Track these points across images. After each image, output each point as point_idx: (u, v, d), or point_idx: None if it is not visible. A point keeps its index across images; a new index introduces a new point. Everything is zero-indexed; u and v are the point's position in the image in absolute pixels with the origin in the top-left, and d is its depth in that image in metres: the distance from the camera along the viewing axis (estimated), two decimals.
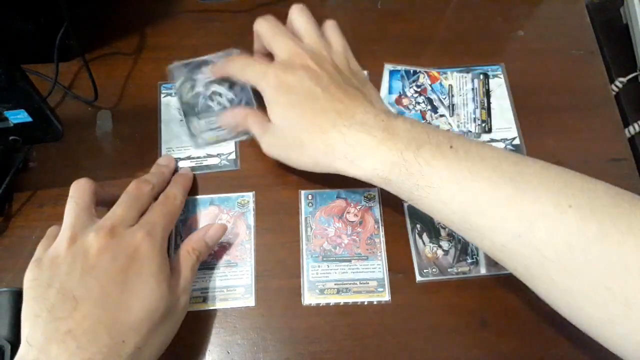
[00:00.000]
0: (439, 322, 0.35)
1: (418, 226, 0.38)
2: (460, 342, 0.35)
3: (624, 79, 0.62)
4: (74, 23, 0.38)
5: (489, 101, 0.43)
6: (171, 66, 0.42)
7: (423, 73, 0.44)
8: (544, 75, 0.45)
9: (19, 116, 0.31)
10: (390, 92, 0.43)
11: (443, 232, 0.38)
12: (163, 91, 0.42)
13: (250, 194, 0.39)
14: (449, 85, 0.44)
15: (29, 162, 0.39)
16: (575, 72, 0.45)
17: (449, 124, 0.42)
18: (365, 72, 0.43)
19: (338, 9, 0.47)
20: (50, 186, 0.39)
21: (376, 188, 0.39)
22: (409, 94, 0.43)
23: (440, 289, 0.36)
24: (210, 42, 0.44)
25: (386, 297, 0.36)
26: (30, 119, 0.32)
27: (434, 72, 0.44)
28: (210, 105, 0.41)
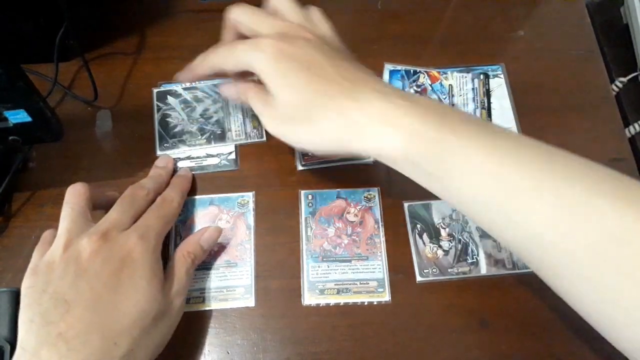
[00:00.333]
0: (439, 322, 0.35)
1: (418, 226, 0.38)
2: (460, 342, 0.35)
3: (624, 79, 0.62)
4: (74, 23, 0.38)
5: (489, 101, 0.43)
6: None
7: (423, 73, 0.44)
8: (544, 75, 0.45)
9: (19, 116, 0.31)
10: None
11: (443, 232, 0.38)
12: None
13: (250, 194, 0.39)
14: (449, 85, 0.44)
15: (29, 162, 0.39)
16: (575, 72, 0.45)
17: None
18: None
19: (338, 9, 0.47)
20: (49, 186, 0.39)
21: (376, 188, 0.39)
22: None
23: (440, 289, 0.36)
24: (210, 42, 0.44)
25: (386, 298, 0.36)
26: (30, 119, 0.31)
27: (434, 72, 0.44)
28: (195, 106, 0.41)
